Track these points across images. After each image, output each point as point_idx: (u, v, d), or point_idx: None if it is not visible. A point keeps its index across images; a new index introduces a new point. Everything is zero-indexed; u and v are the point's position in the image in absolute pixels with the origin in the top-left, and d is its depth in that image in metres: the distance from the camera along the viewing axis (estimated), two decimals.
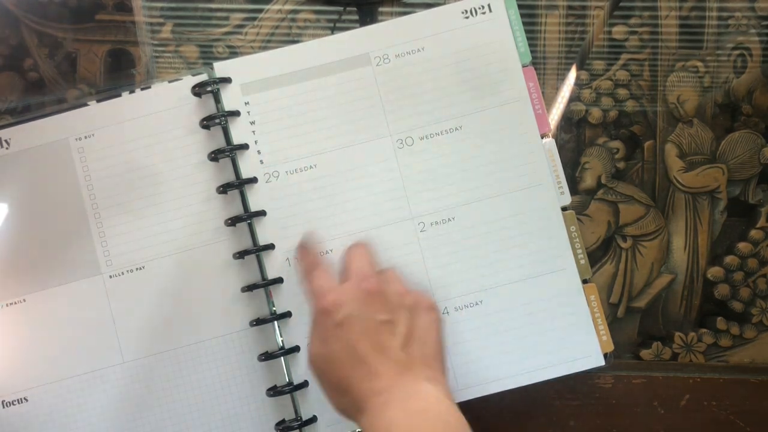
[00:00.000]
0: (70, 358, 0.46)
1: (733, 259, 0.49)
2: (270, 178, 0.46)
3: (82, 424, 0.45)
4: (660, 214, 0.49)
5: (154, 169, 0.46)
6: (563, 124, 0.49)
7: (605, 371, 0.48)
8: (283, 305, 0.46)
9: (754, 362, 0.49)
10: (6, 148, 0.46)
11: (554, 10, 0.49)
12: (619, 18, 0.49)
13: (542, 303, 0.46)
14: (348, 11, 0.49)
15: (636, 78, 0.49)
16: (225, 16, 0.49)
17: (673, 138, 0.49)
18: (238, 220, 0.45)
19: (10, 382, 0.45)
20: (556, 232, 0.46)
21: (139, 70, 0.49)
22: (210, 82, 0.46)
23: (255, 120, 0.46)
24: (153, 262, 0.46)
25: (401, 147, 0.47)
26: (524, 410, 0.48)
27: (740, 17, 0.49)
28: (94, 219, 0.46)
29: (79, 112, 0.47)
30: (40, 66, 0.48)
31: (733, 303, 0.49)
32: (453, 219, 0.46)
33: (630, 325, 0.49)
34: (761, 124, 0.49)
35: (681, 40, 0.49)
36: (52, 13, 0.49)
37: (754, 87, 0.49)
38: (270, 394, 0.45)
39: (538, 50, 0.49)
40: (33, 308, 0.46)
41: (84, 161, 0.46)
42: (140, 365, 0.46)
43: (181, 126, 0.46)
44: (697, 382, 0.48)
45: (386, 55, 0.47)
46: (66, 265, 0.46)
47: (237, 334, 0.46)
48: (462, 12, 0.47)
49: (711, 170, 0.49)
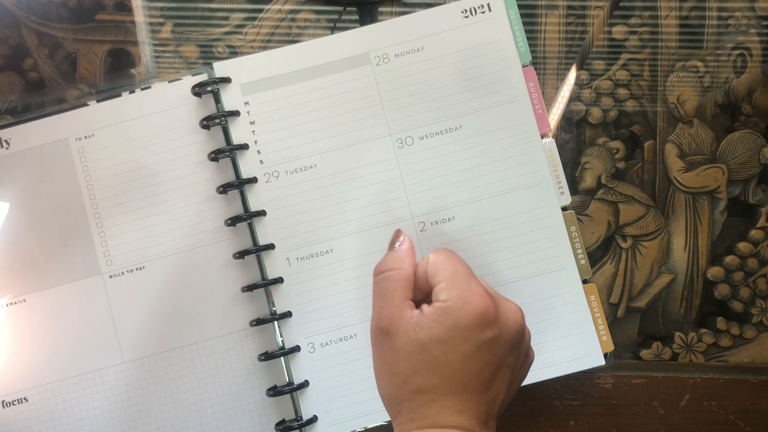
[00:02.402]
0: (70, 358, 0.46)
1: (733, 259, 0.49)
2: (270, 178, 0.46)
3: (82, 424, 0.45)
4: (660, 214, 0.49)
5: (154, 169, 0.46)
6: (563, 124, 0.49)
7: (605, 371, 0.48)
8: (283, 305, 0.46)
9: (754, 362, 0.49)
10: (6, 148, 0.46)
11: (554, 10, 0.49)
12: (619, 18, 0.49)
13: (542, 303, 0.46)
14: (348, 11, 0.49)
15: (636, 78, 0.49)
16: (225, 16, 0.49)
17: (673, 138, 0.49)
18: (238, 220, 0.45)
19: (10, 382, 0.45)
20: (556, 232, 0.46)
21: (139, 70, 0.49)
22: (210, 82, 0.46)
23: (255, 120, 0.46)
24: (153, 262, 0.46)
25: (401, 147, 0.47)
26: (524, 410, 0.48)
27: (740, 17, 0.49)
28: (94, 219, 0.46)
29: (79, 112, 0.47)
30: (40, 66, 0.48)
31: (733, 303, 0.49)
32: (453, 219, 0.46)
33: (630, 325, 0.49)
34: (761, 124, 0.49)
35: (681, 40, 0.49)
36: (52, 13, 0.49)
37: (754, 87, 0.49)
38: (270, 394, 0.45)
39: (538, 50, 0.49)
40: (33, 308, 0.46)
41: (84, 161, 0.46)
42: (140, 365, 0.46)
43: (181, 126, 0.46)
44: (697, 382, 0.48)
45: (386, 54, 0.47)
46: (66, 265, 0.46)
47: (237, 334, 0.46)
48: (462, 12, 0.47)
49: (711, 170, 0.49)
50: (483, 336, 0.34)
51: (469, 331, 0.34)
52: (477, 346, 0.34)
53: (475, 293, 0.34)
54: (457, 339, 0.34)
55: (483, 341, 0.34)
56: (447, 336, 0.34)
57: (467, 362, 0.34)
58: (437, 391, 0.34)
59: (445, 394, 0.34)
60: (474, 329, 0.34)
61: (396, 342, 0.35)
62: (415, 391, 0.34)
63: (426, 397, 0.34)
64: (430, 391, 0.34)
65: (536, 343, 0.46)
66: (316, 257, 0.46)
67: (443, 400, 0.34)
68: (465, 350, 0.34)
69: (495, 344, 0.34)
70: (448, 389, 0.34)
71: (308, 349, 0.46)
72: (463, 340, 0.34)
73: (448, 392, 0.34)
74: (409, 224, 0.46)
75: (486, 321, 0.34)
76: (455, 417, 0.34)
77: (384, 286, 0.37)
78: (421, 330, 0.34)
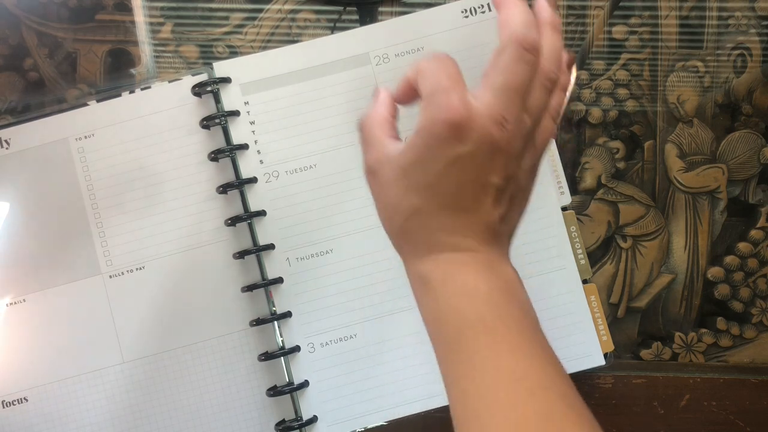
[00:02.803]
0: (70, 358, 0.46)
1: (733, 259, 0.49)
2: (270, 178, 0.46)
3: (82, 424, 0.45)
4: (660, 214, 0.49)
5: (154, 169, 0.46)
6: (563, 124, 0.49)
7: (605, 371, 0.48)
8: (283, 305, 0.46)
9: (754, 362, 0.49)
10: (6, 148, 0.46)
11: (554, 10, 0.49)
12: (619, 18, 0.49)
13: (542, 303, 0.46)
14: (348, 11, 0.49)
15: (636, 78, 0.49)
16: (225, 16, 0.49)
17: (673, 138, 0.49)
18: (238, 220, 0.45)
19: (10, 382, 0.45)
20: (556, 232, 0.46)
21: (139, 70, 0.49)
22: (210, 82, 0.46)
23: (255, 120, 0.46)
24: (153, 262, 0.46)
25: None
26: None
27: (740, 17, 0.49)
28: (94, 219, 0.46)
29: (79, 112, 0.47)
30: (40, 66, 0.48)
31: (733, 303, 0.49)
32: None
33: (630, 325, 0.49)
34: (761, 124, 0.49)
35: (681, 40, 0.49)
36: (52, 13, 0.49)
37: (754, 87, 0.49)
38: (270, 394, 0.45)
39: None
40: (33, 308, 0.46)
41: (84, 161, 0.46)
42: (140, 365, 0.46)
43: (181, 126, 0.46)
44: (697, 382, 0.48)
45: (386, 54, 0.47)
46: (66, 265, 0.46)
47: (237, 334, 0.46)
48: (462, 11, 0.47)
49: (711, 170, 0.49)
50: (453, 152, 0.32)
51: (438, 149, 0.32)
52: (448, 164, 0.32)
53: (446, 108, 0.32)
54: (428, 158, 0.33)
55: (454, 157, 0.32)
56: (421, 156, 0.33)
57: (443, 181, 0.33)
58: (423, 213, 0.33)
59: (431, 215, 0.33)
60: (443, 146, 0.32)
61: (381, 177, 0.34)
62: (405, 217, 0.34)
63: (416, 221, 0.33)
64: (417, 213, 0.33)
65: None
66: (316, 257, 0.46)
67: (431, 222, 0.33)
68: (437, 169, 0.32)
69: (469, 160, 0.32)
70: (432, 210, 0.33)
71: (308, 349, 0.46)
72: (434, 159, 0.32)
73: (434, 213, 0.33)
74: None
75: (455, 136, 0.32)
76: (449, 238, 0.33)
77: (363, 134, 0.36)
78: (400, 157, 0.34)
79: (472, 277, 0.32)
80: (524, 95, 0.33)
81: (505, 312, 0.32)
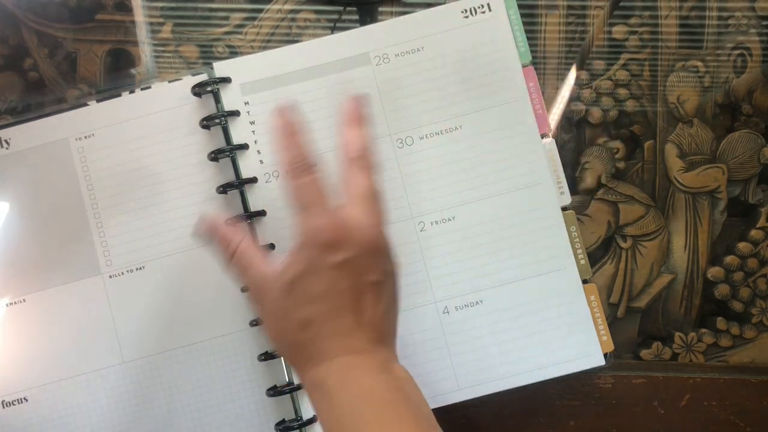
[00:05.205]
0: (70, 358, 0.46)
1: (733, 259, 0.49)
2: (270, 178, 0.46)
3: (82, 424, 0.45)
4: (660, 214, 0.49)
5: (154, 169, 0.46)
6: (563, 124, 0.49)
7: (605, 371, 0.48)
8: None
9: (754, 362, 0.49)
10: (6, 148, 0.46)
11: (554, 10, 0.49)
12: (619, 18, 0.49)
13: (542, 303, 0.46)
14: (348, 11, 0.49)
15: (636, 78, 0.49)
16: (225, 16, 0.49)
17: (673, 138, 0.49)
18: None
19: (10, 382, 0.45)
20: (556, 232, 0.46)
21: (139, 70, 0.49)
22: (210, 82, 0.46)
23: (255, 120, 0.46)
24: (153, 262, 0.46)
25: (401, 147, 0.47)
26: (524, 410, 0.48)
27: (740, 17, 0.49)
28: (94, 219, 0.46)
29: (79, 112, 0.47)
30: (40, 66, 0.48)
31: (733, 303, 0.49)
32: (453, 218, 0.46)
33: (630, 325, 0.49)
34: (761, 124, 0.49)
35: (681, 40, 0.49)
36: (52, 13, 0.49)
37: (754, 87, 0.49)
38: (270, 394, 0.45)
39: (538, 50, 0.49)
40: (33, 308, 0.46)
41: (84, 161, 0.46)
42: (140, 365, 0.46)
43: (181, 126, 0.46)
44: (697, 382, 0.48)
45: (386, 54, 0.47)
46: (66, 265, 0.46)
47: (237, 334, 0.46)
48: (462, 11, 0.47)
49: (711, 170, 0.49)
50: (335, 259, 0.34)
51: (318, 258, 0.34)
52: (332, 271, 0.34)
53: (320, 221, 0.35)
54: (313, 269, 0.35)
55: (335, 265, 0.34)
56: (305, 269, 0.35)
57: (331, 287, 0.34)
58: (316, 322, 0.35)
59: (324, 323, 0.35)
60: (324, 256, 0.34)
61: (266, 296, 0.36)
62: (298, 330, 0.35)
63: (309, 332, 0.35)
64: (309, 324, 0.35)
65: (536, 343, 0.46)
66: None
67: (324, 329, 0.35)
68: (324, 276, 0.34)
69: (351, 266, 0.35)
70: (325, 317, 0.35)
71: None
72: (319, 269, 0.35)
73: (326, 319, 0.35)
74: (410, 224, 0.46)
75: (334, 246, 0.34)
76: (344, 341, 0.35)
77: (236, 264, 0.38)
78: (283, 275, 0.35)
79: (368, 379, 0.34)
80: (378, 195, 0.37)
81: (403, 409, 0.33)
